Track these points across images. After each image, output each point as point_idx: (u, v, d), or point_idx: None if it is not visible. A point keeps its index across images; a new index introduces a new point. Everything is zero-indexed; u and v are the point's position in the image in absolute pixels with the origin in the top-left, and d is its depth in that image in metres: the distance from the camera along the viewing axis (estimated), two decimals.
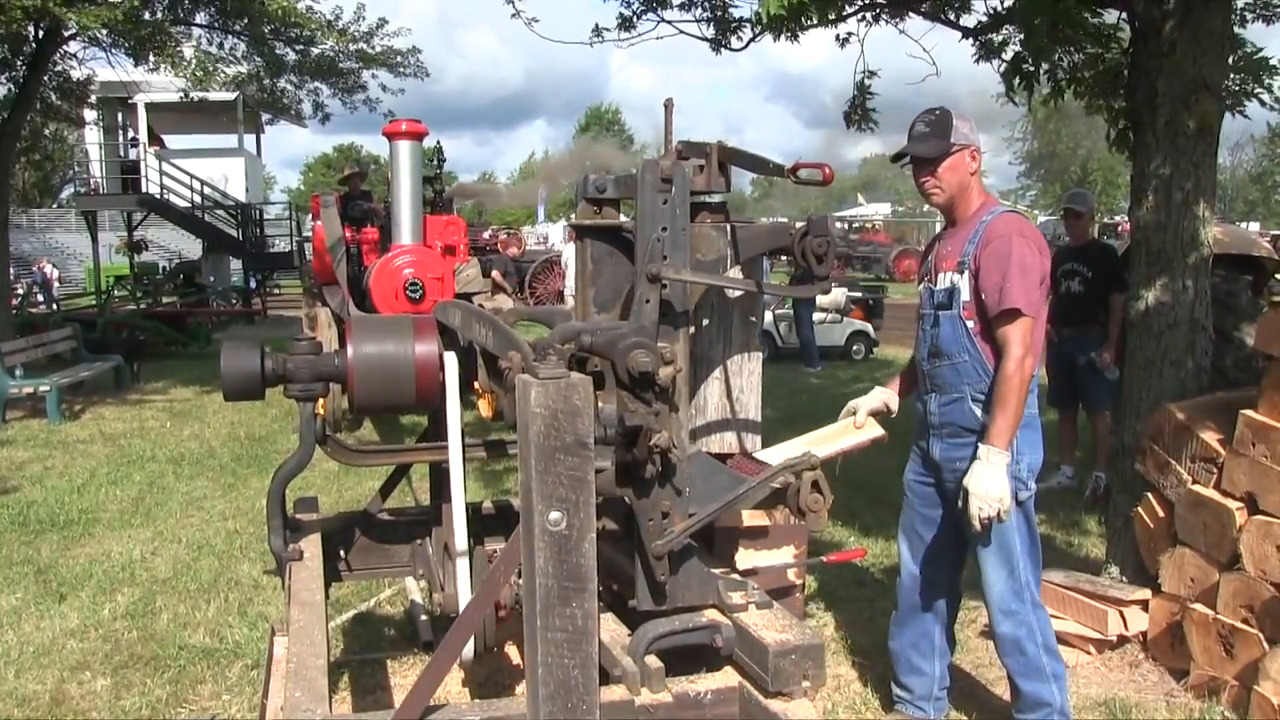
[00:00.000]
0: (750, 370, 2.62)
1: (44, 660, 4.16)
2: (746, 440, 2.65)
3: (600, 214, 2.44)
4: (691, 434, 2.54)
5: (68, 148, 30.84)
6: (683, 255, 2.24)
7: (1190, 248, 4.28)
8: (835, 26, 5.85)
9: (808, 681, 2.06)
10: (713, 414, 2.60)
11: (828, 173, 2.39)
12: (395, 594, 4.69)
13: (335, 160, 64.06)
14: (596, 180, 2.42)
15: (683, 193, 2.25)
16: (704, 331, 2.57)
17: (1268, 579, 3.52)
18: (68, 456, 8.05)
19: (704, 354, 2.59)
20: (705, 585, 2.32)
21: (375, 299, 7.48)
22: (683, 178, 2.26)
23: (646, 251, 2.20)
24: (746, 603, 2.29)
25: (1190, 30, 4.17)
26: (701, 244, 2.39)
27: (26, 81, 12.33)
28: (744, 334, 2.60)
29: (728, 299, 2.55)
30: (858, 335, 14.87)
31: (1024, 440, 3.09)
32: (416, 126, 7.89)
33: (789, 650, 2.08)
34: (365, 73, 15.25)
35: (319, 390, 2.78)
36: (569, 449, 1.68)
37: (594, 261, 2.44)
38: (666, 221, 2.23)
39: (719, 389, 2.60)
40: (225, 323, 18.22)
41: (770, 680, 2.07)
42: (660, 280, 2.19)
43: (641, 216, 2.24)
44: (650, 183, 2.22)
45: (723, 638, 2.23)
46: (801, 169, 2.40)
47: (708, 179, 2.43)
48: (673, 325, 2.26)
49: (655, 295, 2.18)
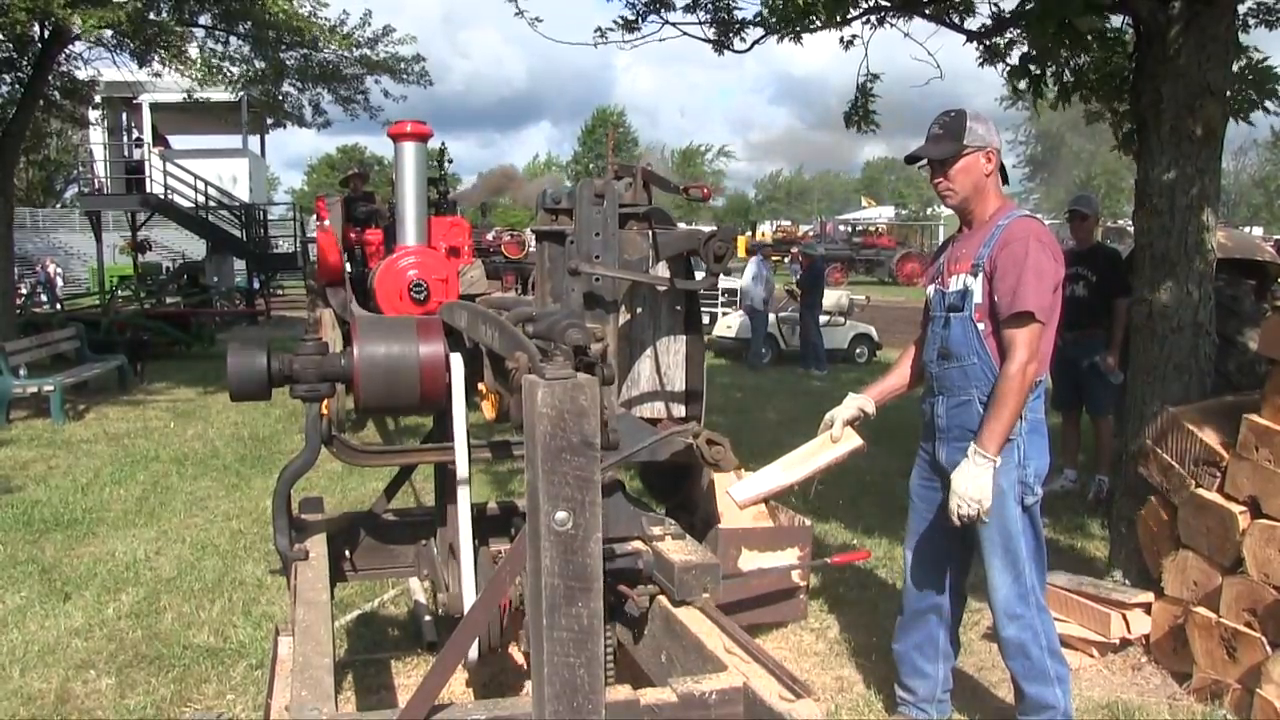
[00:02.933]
0: (676, 350, 3.02)
1: (49, 659, 4.18)
2: (674, 408, 3.04)
3: (556, 221, 2.85)
4: (628, 402, 2.96)
5: (72, 148, 30.85)
6: (612, 255, 2.71)
7: (1194, 252, 4.29)
8: (840, 29, 5.86)
9: (706, 593, 2.47)
10: (645, 386, 3.00)
11: (705, 192, 3.12)
12: (399, 594, 4.70)
13: (339, 161, 64.11)
14: (553, 193, 2.89)
15: (612, 205, 2.71)
16: (638, 318, 2.96)
17: (1270, 582, 3.53)
18: (71, 456, 8.07)
19: (638, 337, 2.97)
20: (631, 520, 2.73)
21: (380, 300, 7.49)
22: (613, 193, 2.73)
23: (572, 252, 2.69)
24: (664, 534, 2.68)
25: (1194, 35, 4.18)
26: (628, 246, 2.81)
27: (31, 81, 12.35)
28: (670, 320, 3.00)
29: (658, 291, 2.96)
30: (861, 338, 14.90)
31: (1031, 445, 3.10)
32: (421, 128, 7.89)
33: (691, 567, 2.49)
34: (369, 79, 15.27)
35: (325, 391, 2.78)
36: (575, 449, 1.68)
37: (550, 260, 2.88)
38: (599, 228, 2.70)
39: (650, 365, 3.00)
40: (229, 323, 18.25)
41: (676, 590, 2.47)
42: (579, 273, 2.64)
43: (578, 223, 2.71)
44: (586, 197, 2.69)
45: (644, 561, 2.63)
46: (690, 189, 3.14)
47: (634, 194, 2.91)
48: (604, 310, 2.71)
49: (578, 285, 2.67)
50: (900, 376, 3.47)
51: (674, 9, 6.25)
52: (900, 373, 3.48)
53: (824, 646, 4.35)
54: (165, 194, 22.07)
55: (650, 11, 6.28)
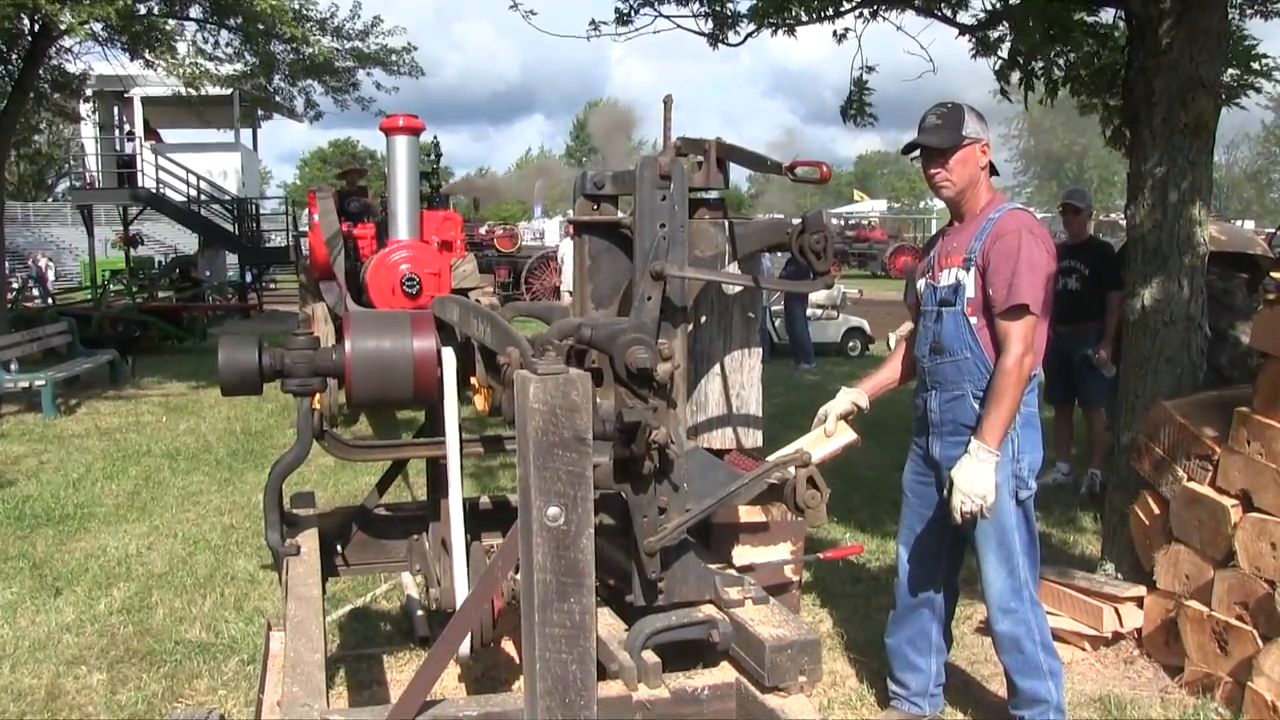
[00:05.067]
0: (750, 366, 2.63)
1: (39, 655, 4.16)
2: (745, 436, 2.67)
3: (598, 210, 2.42)
4: (692, 430, 2.54)
5: (63, 141, 30.73)
6: (681, 251, 2.25)
7: (1186, 246, 4.29)
8: (833, 22, 5.85)
9: (804, 676, 2.08)
10: (713, 410, 2.61)
11: (825, 171, 2.38)
12: (391, 589, 4.69)
13: (331, 155, 63.91)
14: (595, 176, 2.41)
15: (681, 189, 2.25)
16: (704, 328, 2.59)
17: (1262, 576, 3.54)
18: (63, 451, 8.04)
19: (704, 350, 2.61)
20: (702, 580, 2.33)
21: (372, 294, 7.47)
22: (681, 174, 2.27)
23: (649, 248, 2.21)
24: (743, 598, 2.30)
25: (1186, 28, 4.18)
26: (700, 240, 2.40)
27: (21, 75, 12.28)
28: (744, 330, 2.62)
29: (727, 296, 2.57)
30: (853, 332, 14.88)
31: (1025, 439, 3.10)
32: (413, 122, 7.87)
33: (785, 645, 2.09)
34: (360, 72, 15.22)
35: (317, 385, 2.78)
36: (567, 444, 1.68)
37: (592, 257, 2.44)
38: (665, 218, 2.24)
39: (718, 385, 2.61)
40: (221, 317, 18.17)
41: (767, 675, 2.07)
42: (664, 277, 2.20)
43: (640, 213, 2.24)
44: (649, 179, 2.22)
45: (719, 633, 2.23)
46: (799, 167, 2.39)
47: (706, 175, 2.43)
48: (671, 322, 2.27)
49: (658, 292, 2.19)
50: (893, 371, 3.46)
51: (667, 1, 6.24)
52: (893, 367, 3.47)
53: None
54: (157, 188, 21.97)
55: (644, 4, 6.27)
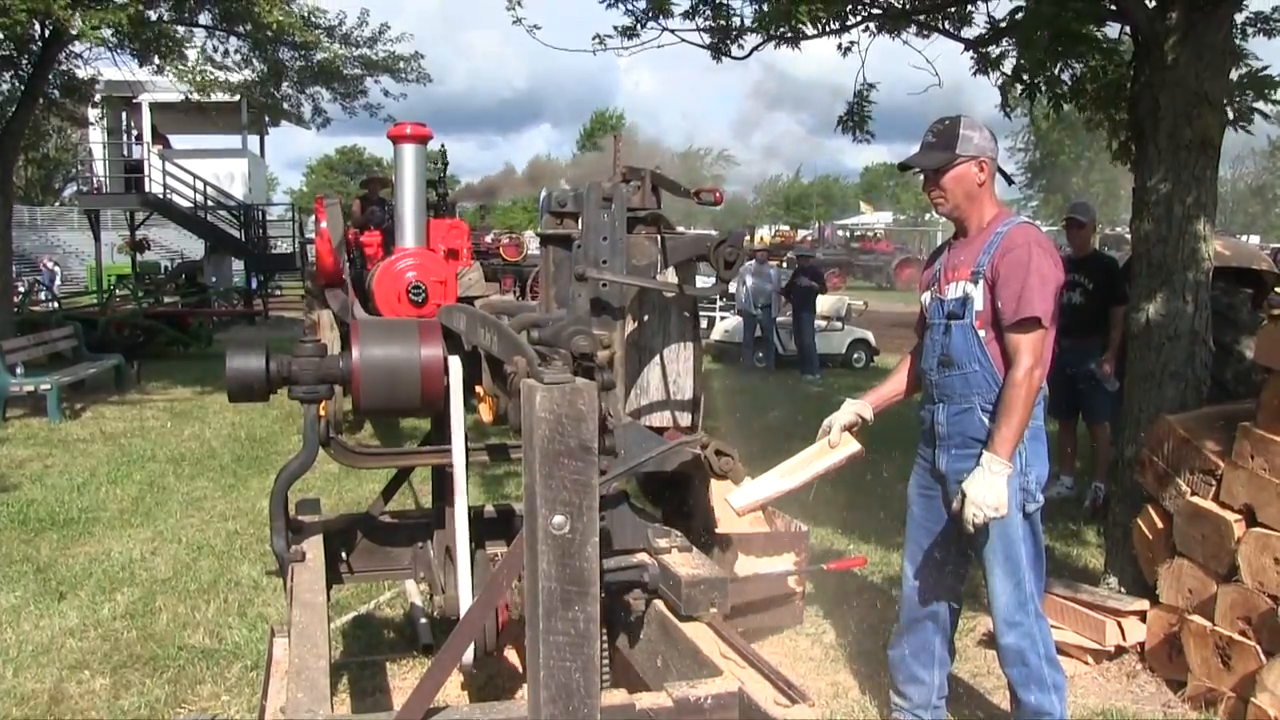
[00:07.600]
0: (685, 357, 2.97)
1: (43, 659, 4.17)
2: (681, 417, 3.00)
3: (561, 225, 2.79)
4: (635, 412, 2.90)
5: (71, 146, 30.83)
6: (620, 260, 2.67)
7: (1191, 261, 4.29)
8: (838, 36, 5.87)
9: (714, 608, 2.41)
10: (653, 394, 2.95)
11: (717, 195, 2.95)
12: (396, 596, 4.70)
13: (338, 162, 64.07)
14: (559, 195, 2.83)
15: (620, 209, 2.66)
16: (645, 325, 2.93)
17: (1265, 591, 3.54)
18: (68, 455, 8.06)
19: (646, 343, 2.93)
20: (637, 532, 2.67)
21: (378, 302, 7.50)
22: (620, 197, 2.67)
23: (579, 257, 2.65)
24: (670, 547, 2.61)
25: (1192, 44, 4.19)
26: (636, 251, 2.77)
27: (31, 80, 12.34)
28: (680, 327, 2.97)
29: (667, 299, 2.92)
30: (858, 343, 14.89)
31: (1032, 452, 3.10)
32: (421, 130, 7.90)
33: (699, 581, 2.41)
34: (368, 79, 15.28)
35: (323, 393, 2.79)
36: (573, 453, 1.69)
37: (555, 265, 2.84)
38: (606, 232, 2.65)
39: (658, 373, 2.95)
40: (226, 323, 18.22)
41: (683, 605, 2.40)
42: (585, 278, 2.61)
43: (585, 227, 2.66)
44: (594, 200, 2.64)
45: (649, 574, 2.56)
46: (701, 193, 2.96)
47: (643, 198, 2.84)
48: (611, 316, 2.68)
49: (585, 290, 2.63)
50: (898, 383, 3.47)
51: (673, 15, 6.27)
52: (898, 379, 3.48)
53: (820, 652, 4.35)
54: (164, 193, 22.03)
55: (650, 18, 6.29)
